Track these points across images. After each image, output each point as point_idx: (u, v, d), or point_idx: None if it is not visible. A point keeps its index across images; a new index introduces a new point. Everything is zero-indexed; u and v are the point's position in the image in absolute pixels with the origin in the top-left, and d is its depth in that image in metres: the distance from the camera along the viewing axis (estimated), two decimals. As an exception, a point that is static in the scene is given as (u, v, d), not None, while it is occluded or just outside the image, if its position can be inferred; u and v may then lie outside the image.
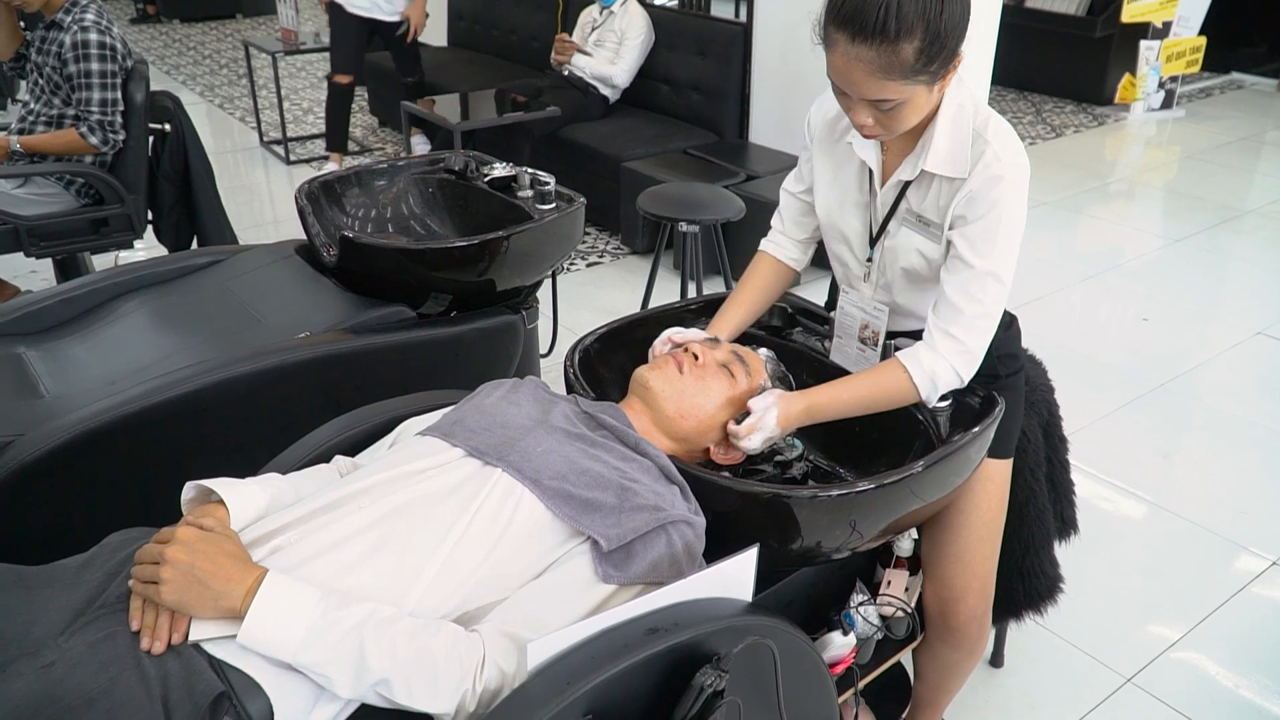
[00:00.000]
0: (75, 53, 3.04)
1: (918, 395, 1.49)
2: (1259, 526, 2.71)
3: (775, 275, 1.76)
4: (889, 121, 1.37)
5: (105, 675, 1.05)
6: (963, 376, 1.48)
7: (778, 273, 1.76)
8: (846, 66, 1.31)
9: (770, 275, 1.76)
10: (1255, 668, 2.25)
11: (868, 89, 1.32)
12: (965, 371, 1.48)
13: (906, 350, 1.50)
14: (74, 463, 1.80)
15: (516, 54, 5.92)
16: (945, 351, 1.46)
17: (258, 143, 6.03)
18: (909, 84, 1.31)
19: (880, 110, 1.36)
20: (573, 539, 1.26)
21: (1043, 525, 1.87)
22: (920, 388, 1.47)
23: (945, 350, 1.46)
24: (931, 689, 1.87)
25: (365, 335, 2.16)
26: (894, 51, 1.27)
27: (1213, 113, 6.86)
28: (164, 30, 9.67)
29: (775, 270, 1.76)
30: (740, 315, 1.72)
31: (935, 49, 1.29)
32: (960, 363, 1.46)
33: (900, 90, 1.32)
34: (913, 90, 1.33)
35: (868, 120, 1.38)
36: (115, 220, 3.26)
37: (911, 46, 1.27)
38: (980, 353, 1.48)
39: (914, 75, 1.30)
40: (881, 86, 1.31)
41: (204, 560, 1.11)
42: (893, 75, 1.29)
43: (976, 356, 1.48)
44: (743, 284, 1.75)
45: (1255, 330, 3.81)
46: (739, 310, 1.72)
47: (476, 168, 2.67)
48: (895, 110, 1.35)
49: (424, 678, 1.09)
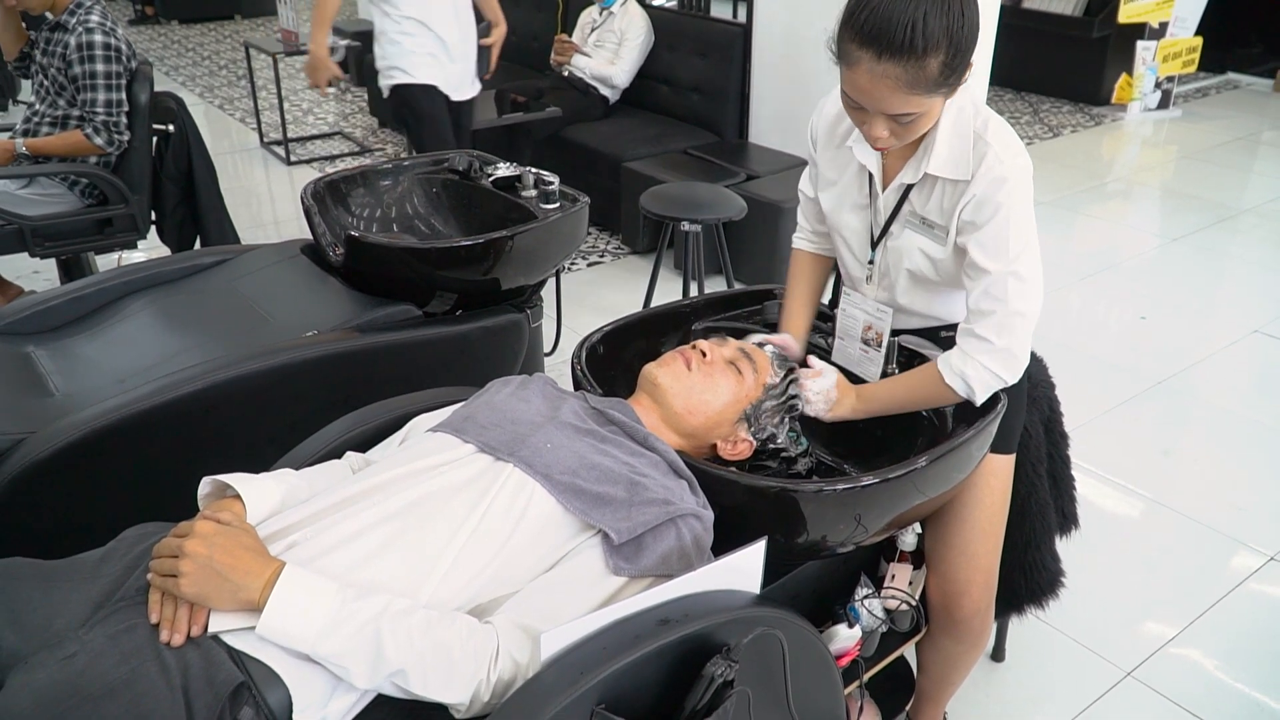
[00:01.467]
0: (80, 54, 3.05)
1: (955, 395, 1.51)
2: (1256, 522, 2.73)
3: (818, 266, 1.81)
4: (904, 133, 1.40)
5: (126, 666, 1.06)
6: (998, 373, 1.48)
7: (820, 263, 1.81)
8: (872, 84, 1.31)
9: (814, 267, 1.81)
10: (1253, 661, 2.27)
11: (892, 104, 1.33)
12: (1000, 368, 1.48)
13: (942, 354, 1.53)
14: (85, 460, 1.81)
15: (516, 55, 5.93)
16: (973, 351, 1.48)
17: (258, 143, 6.04)
18: (931, 96, 1.33)
19: (899, 124, 1.37)
20: (584, 532, 1.27)
21: (1044, 520, 1.88)
22: (954, 387, 1.50)
23: (973, 350, 1.48)
24: (934, 682, 1.89)
25: (372, 334, 2.17)
26: (921, 67, 1.28)
27: (1209, 112, 6.89)
28: (163, 31, 9.67)
29: (816, 262, 1.81)
30: (806, 313, 1.77)
31: (958, 61, 1.31)
32: (991, 360, 1.47)
33: (923, 104, 1.34)
34: (933, 102, 1.35)
35: (884, 133, 1.39)
36: (119, 220, 3.28)
37: (937, 61, 1.29)
38: (1013, 348, 1.47)
39: (937, 88, 1.32)
40: (906, 101, 1.32)
41: (222, 553, 1.12)
42: (918, 90, 1.31)
43: (1010, 352, 1.48)
44: (793, 284, 1.79)
45: (1252, 328, 3.84)
46: (802, 308, 1.77)
47: (480, 168, 2.69)
48: (913, 122, 1.37)
49: (440, 668, 1.11)
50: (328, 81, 3.63)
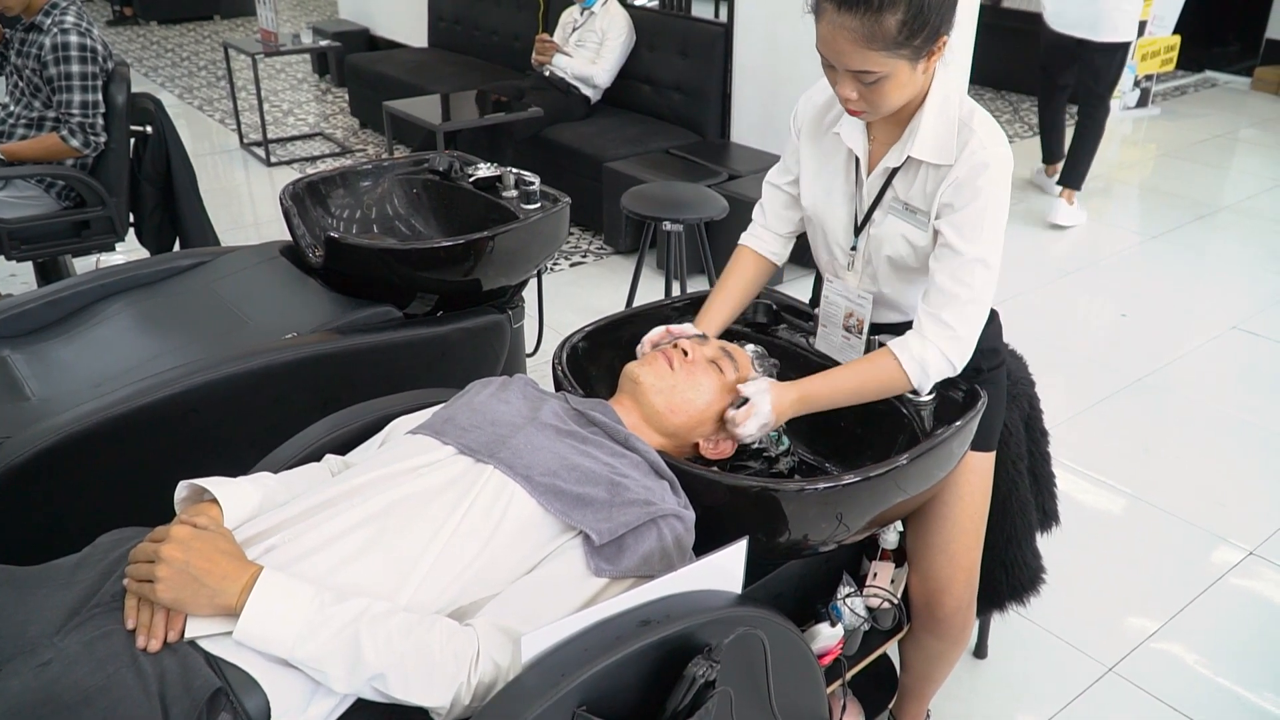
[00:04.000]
0: (55, 55, 3.03)
1: (908, 383, 1.51)
2: (1236, 517, 2.75)
3: (757, 269, 1.78)
4: (872, 96, 1.41)
5: (102, 673, 1.05)
6: (954, 363, 1.50)
7: (759, 267, 1.78)
8: (832, 35, 1.35)
9: (752, 269, 1.78)
10: (1232, 656, 2.29)
11: (851, 59, 1.36)
12: (956, 358, 1.50)
13: (897, 339, 1.52)
14: (62, 465, 1.80)
15: (498, 55, 5.92)
16: (935, 338, 1.48)
17: (238, 145, 6.00)
18: (891, 56, 1.35)
19: (863, 84, 1.39)
20: (564, 534, 1.27)
21: (1025, 517, 1.89)
22: (910, 374, 1.49)
23: (935, 336, 1.48)
24: (917, 679, 1.90)
25: (352, 335, 2.16)
26: (877, 21, 1.31)
27: (1188, 110, 6.94)
28: (141, 32, 9.60)
29: (757, 264, 1.78)
30: (725, 311, 1.74)
31: (918, 24, 1.33)
32: (951, 349, 1.48)
33: (883, 63, 1.35)
34: (895, 64, 1.36)
35: (852, 94, 1.41)
36: (97, 223, 3.25)
37: (895, 18, 1.31)
38: (971, 340, 1.50)
39: (896, 48, 1.34)
40: (865, 57, 1.35)
41: (199, 558, 1.11)
42: (875, 45, 1.33)
43: (968, 343, 1.50)
44: (725, 279, 1.77)
45: (1230, 324, 3.87)
46: (724, 306, 1.74)
47: (461, 168, 2.68)
48: (878, 85, 1.38)
49: (419, 671, 1.10)
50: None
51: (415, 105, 4.59)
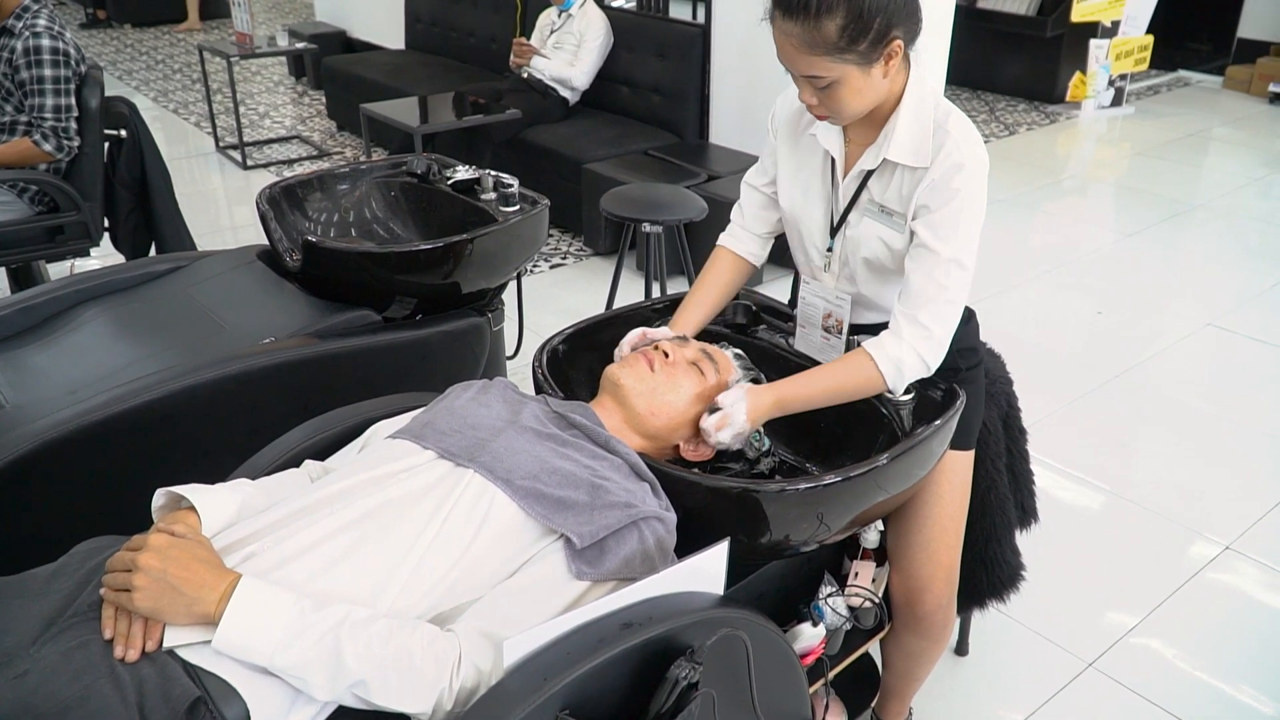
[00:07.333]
0: (27, 58, 2.99)
1: (884, 383, 1.51)
2: (1212, 513, 2.77)
3: (734, 270, 1.78)
4: (829, 101, 1.43)
5: (80, 684, 1.04)
6: (929, 364, 1.51)
7: (737, 267, 1.78)
8: (781, 42, 1.40)
9: (729, 270, 1.78)
10: (1211, 649, 2.31)
11: (799, 64, 1.40)
12: (931, 359, 1.50)
13: (872, 339, 1.52)
14: (36, 473, 1.78)
15: (475, 57, 5.91)
16: (910, 338, 1.49)
17: (213, 148, 5.96)
18: (836, 61, 1.37)
19: (817, 88, 1.42)
20: (545, 537, 1.27)
21: (1004, 515, 1.90)
22: (886, 375, 1.50)
23: (910, 336, 1.49)
24: (899, 677, 1.91)
25: (330, 340, 2.15)
26: (816, 27, 1.34)
27: (1161, 109, 7.00)
28: (115, 35, 9.52)
29: (734, 265, 1.78)
30: (702, 312, 1.74)
31: (858, 28, 1.34)
32: (925, 349, 1.49)
33: (829, 68, 1.38)
34: (843, 69, 1.38)
35: (812, 99, 1.45)
36: (71, 228, 3.21)
37: (834, 23, 1.33)
38: (945, 340, 1.50)
39: (839, 53, 1.36)
40: (810, 62, 1.38)
41: (177, 566, 1.11)
42: (818, 50, 1.36)
43: (942, 344, 1.50)
44: (702, 280, 1.77)
45: (1206, 321, 3.91)
46: (700, 307, 1.74)
47: (439, 171, 2.67)
48: (832, 89, 1.41)
49: (401, 677, 1.10)
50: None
51: (393, 108, 4.57)
